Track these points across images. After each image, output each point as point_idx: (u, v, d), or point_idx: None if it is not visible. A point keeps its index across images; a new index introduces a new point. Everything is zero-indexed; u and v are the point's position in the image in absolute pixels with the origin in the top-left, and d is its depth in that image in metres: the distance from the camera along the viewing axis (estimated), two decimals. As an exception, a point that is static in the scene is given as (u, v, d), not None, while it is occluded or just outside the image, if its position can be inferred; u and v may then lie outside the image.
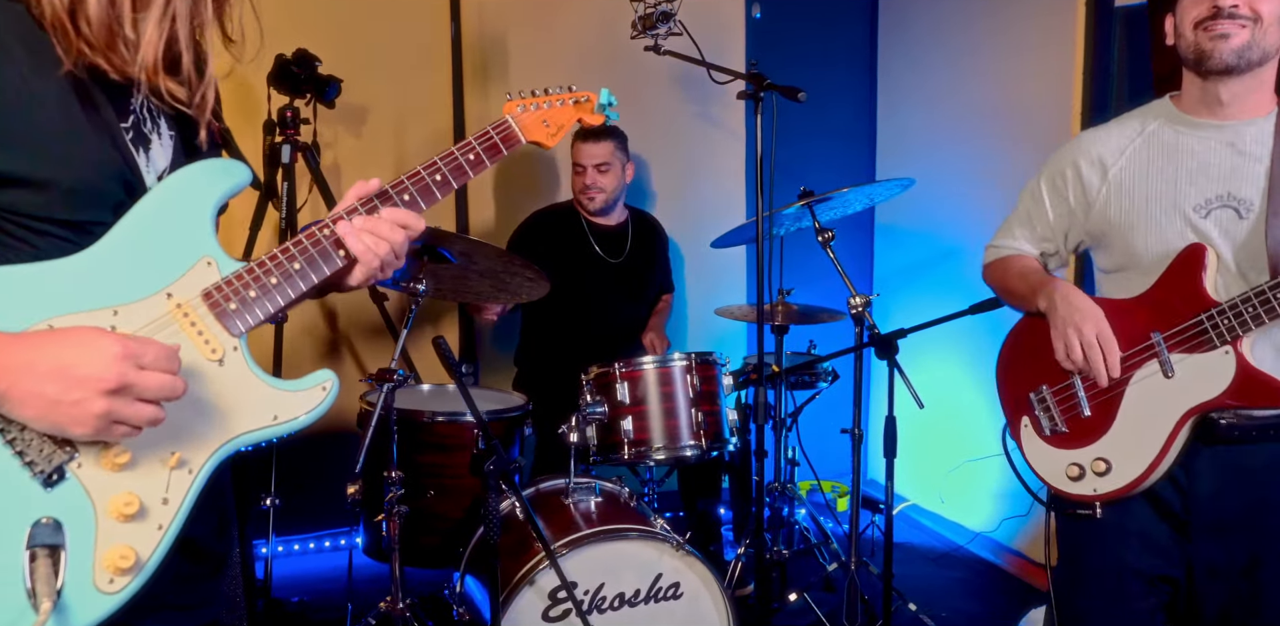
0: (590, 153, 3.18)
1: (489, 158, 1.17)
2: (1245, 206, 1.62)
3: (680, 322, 3.81)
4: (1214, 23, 1.57)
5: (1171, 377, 1.62)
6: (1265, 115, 1.65)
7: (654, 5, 2.90)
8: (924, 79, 3.86)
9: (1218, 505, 1.64)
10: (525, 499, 2.38)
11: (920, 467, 3.68)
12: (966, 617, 2.95)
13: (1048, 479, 1.77)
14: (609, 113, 1.40)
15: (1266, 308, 1.52)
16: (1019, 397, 1.83)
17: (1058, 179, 1.82)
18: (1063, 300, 1.69)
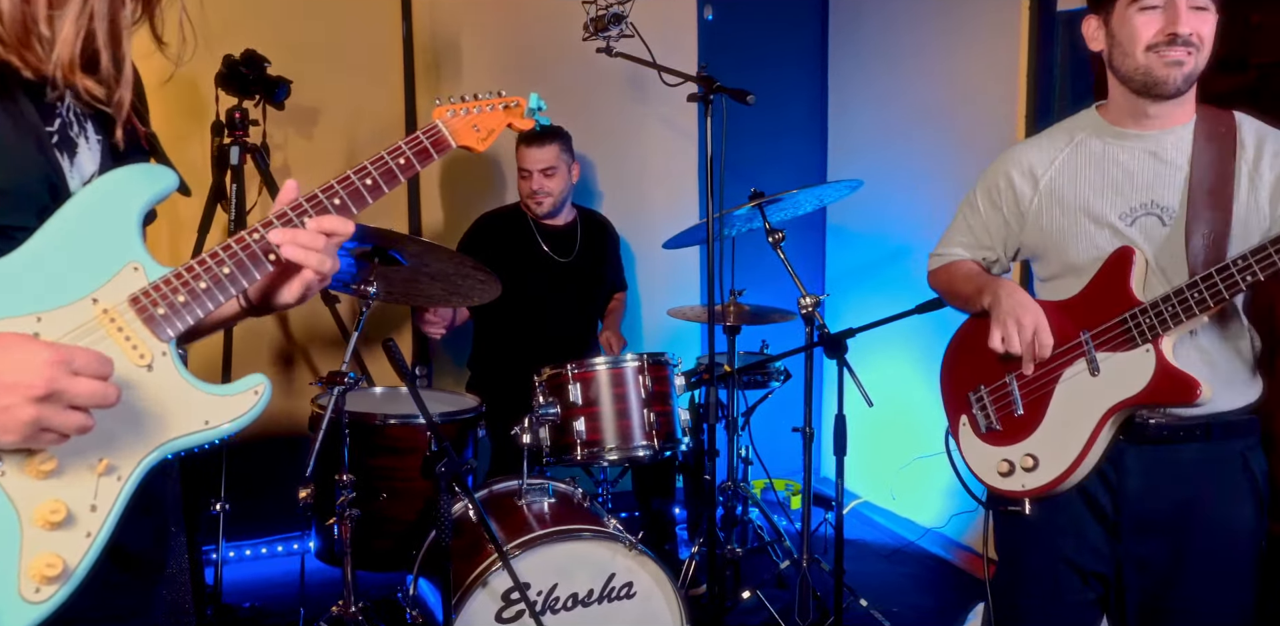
0: (535, 157, 3.16)
1: (419, 162, 1.17)
2: (1168, 213, 1.66)
3: (634, 323, 3.82)
4: (1169, 49, 1.59)
5: (1097, 376, 1.66)
6: (1185, 123, 1.69)
7: (605, 8, 2.90)
8: (873, 80, 3.91)
9: (1147, 503, 1.68)
10: (478, 500, 2.38)
11: (872, 465, 3.72)
12: (917, 612, 2.99)
13: (981, 475, 1.81)
14: (539, 117, 1.41)
15: (1184, 306, 1.56)
16: (959, 397, 1.87)
17: (992, 190, 1.86)
18: (1006, 295, 1.74)
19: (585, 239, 3.34)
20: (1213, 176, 1.63)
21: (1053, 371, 1.72)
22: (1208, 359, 1.64)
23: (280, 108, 3.04)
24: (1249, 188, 1.63)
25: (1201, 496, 1.66)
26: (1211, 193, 1.62)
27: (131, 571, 1.05)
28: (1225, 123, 1.67)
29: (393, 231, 2.40)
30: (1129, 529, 1.69)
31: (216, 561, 2.81)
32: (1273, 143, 1.66)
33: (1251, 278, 1.50)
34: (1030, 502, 1.72)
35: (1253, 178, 1.64)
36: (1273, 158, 1.64)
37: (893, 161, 3.74)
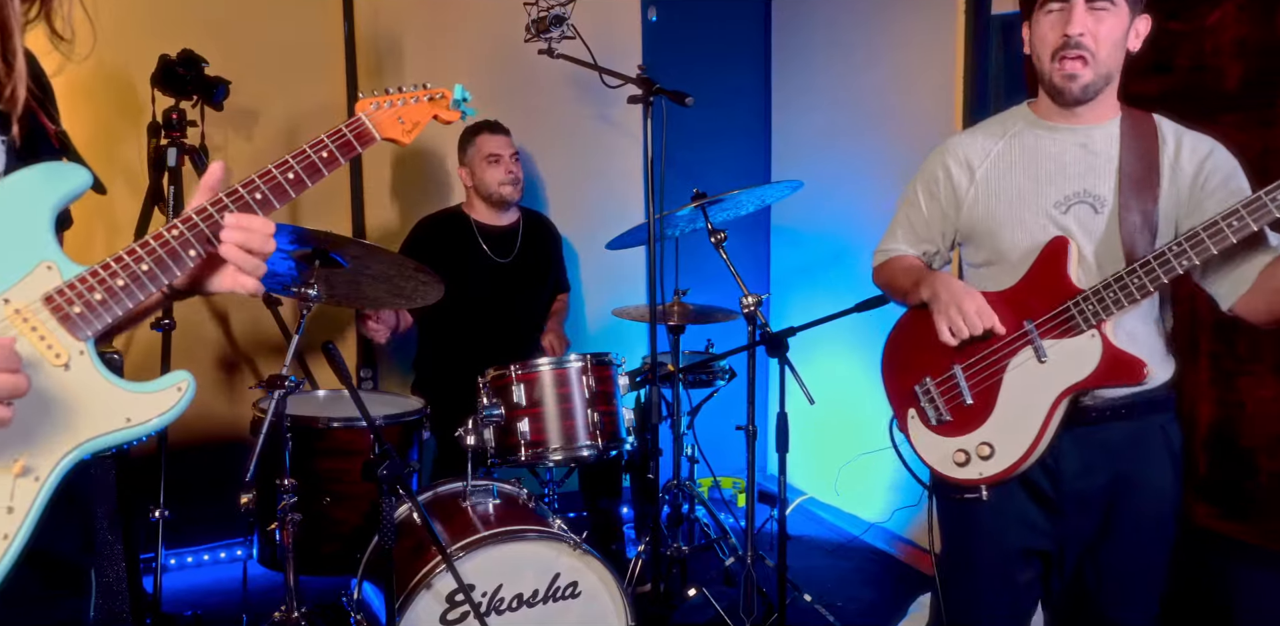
0: (504, 142, 3.23)
1: (343, 155, 1.17)
2: (1099, 202, 1.73)
3: (580, 323, 3.83)
4: (1064, 55, 1.68)
5: (1045, 362, 1.72)
6: (1112, 119, 1.77)
7: (547, 9, 2.92)
8: (816, 80, 3.96)
9: (1082, 482, 1.76)
10: (422, 503, 2.37)
11: (817, 462, 3.77)
12: (861, 605, 3.04)
13: (936, 467, 1.85)
14: (465, 108, 1.41)
15: (1125, 292, 1.63)
16: (904, 390, 1.91)
17: (930, 181, 1.92)
18: (944, 286, 1.79)
19: (527, 239, 3.35)
20: (1140, 167, 1.71)
21: (999, 361, 1.77)
22: (1134, 339, 1.72)
23: (219, 109, 3.00)
24: (1171, 178, 1.72)
25: (1130, 469, 1.75)
26: (1139, 182, 1.71)
27: (58, 579, 1.04)
28: (1147, 121, 1.77)
29: (333, 233, 2.39)
30: (1070, 507, 1.77)
31: (156, 569, 2.77)
32: (1189, 140, 1.75)
33: (1186, 262, 1.58)
34: (987, 489, 1.78)
35: (1174, 169, 1.72)
36: (1191, 152, 1.73)
37: (835, 161, 3.80)
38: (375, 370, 3.56)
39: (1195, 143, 1.75)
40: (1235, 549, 2.36)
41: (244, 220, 1.06)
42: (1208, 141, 1.76)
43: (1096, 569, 1.79)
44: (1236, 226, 1.53)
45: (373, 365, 3.56)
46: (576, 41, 2.84)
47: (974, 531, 1.85)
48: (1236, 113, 2.31)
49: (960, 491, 1.80)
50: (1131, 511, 1.75)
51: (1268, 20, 2.24)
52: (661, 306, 3.18)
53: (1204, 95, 2.38)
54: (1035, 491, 1.78)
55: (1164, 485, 1.77)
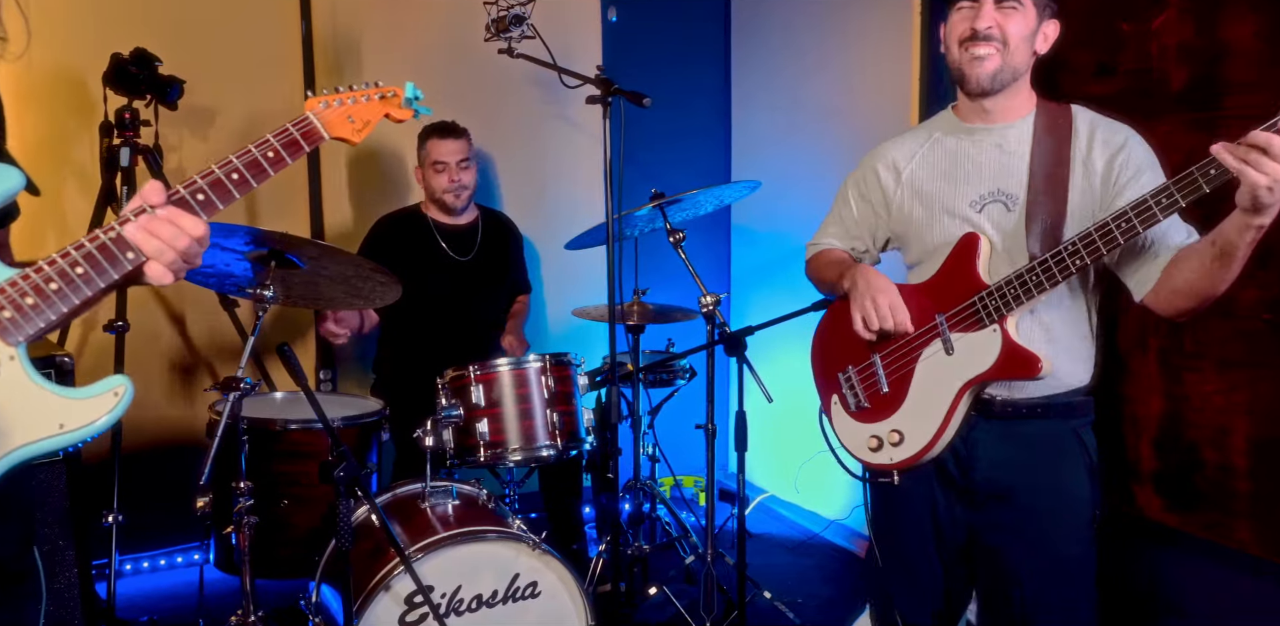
0: (451, 149, 3.18)
1: (289, 155, 1.16)
2: (1011, 200, 1.78)
3: (541, 323, 3.83)
4: (972, 44, 1.73)
5: (952, 354, 1.77)
6: (1025, 116, 1.82)
7: (507, 9, 2.91)
8: (774, 80, 3.98)
9: (995, 473, 1.81)
10: (380, 504, 2.36)
11: (778, 460, 3.80)
12: (821, 601, 3.07)
13: (854, 451, 1.92)
14: (418, 107, 1.41)
15: (1024, 288, 1.68)
16: (830, 378, 1.98)
17: (861, 183, 2.00)
18: (862, 279, 1.85)
19: (486, 238, 3.34)
20: (1050, 165, 1.76)
21: (913, 351, 1.83)
22: (1049, 334, 1.77)
23: (173, 108, 2.97)
24: (1083, 174, 1.76)
25: (1043, 467, 1.80)
26: (1049, 180, 1.75)
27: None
28: (1063, 115, 1.81)
29: (289, 234, 2.37)
30: (980, 497, 1.82)
31: (110, 575, 2.73)
32: (1103, 132, 1.78)
33: (1080, 261, 1.62)
34: (898, 474, 1.84)
35: (1086, 165, 1.76)
36: (1103, 147, 1.76)
37: (793, 161, 3.82)
38: (335, 372, 3.54)
39: (1108, 136, 1.77)
40: (1183, 541, 2.41)
41: (174, 217, 1.04)
42: (1122, 134, 1.78)
43: (1012, 564, 1.83)
44: (1125, 229, 1.56)
45: (332, 367, 3.54)
46: (536, 41, 2.84)
47: (891, 513, 1.93)
48: (1182, 115, 2.36)
49: (876, 475, 1.87)
50: (1042, 510, 1.79)
51: (1209, 25, 2.29)
52: (621, 306, 3.19)
53: (1151, 97, 2.43)
54: (948, 479, 1.84)
55: (1075, 489, 1.81)
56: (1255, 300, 2.21)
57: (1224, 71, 2.27)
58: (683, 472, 3.88)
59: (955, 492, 1.84)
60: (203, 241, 1.06)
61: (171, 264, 1.03)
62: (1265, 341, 2.22)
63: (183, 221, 1.05)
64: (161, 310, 3.33)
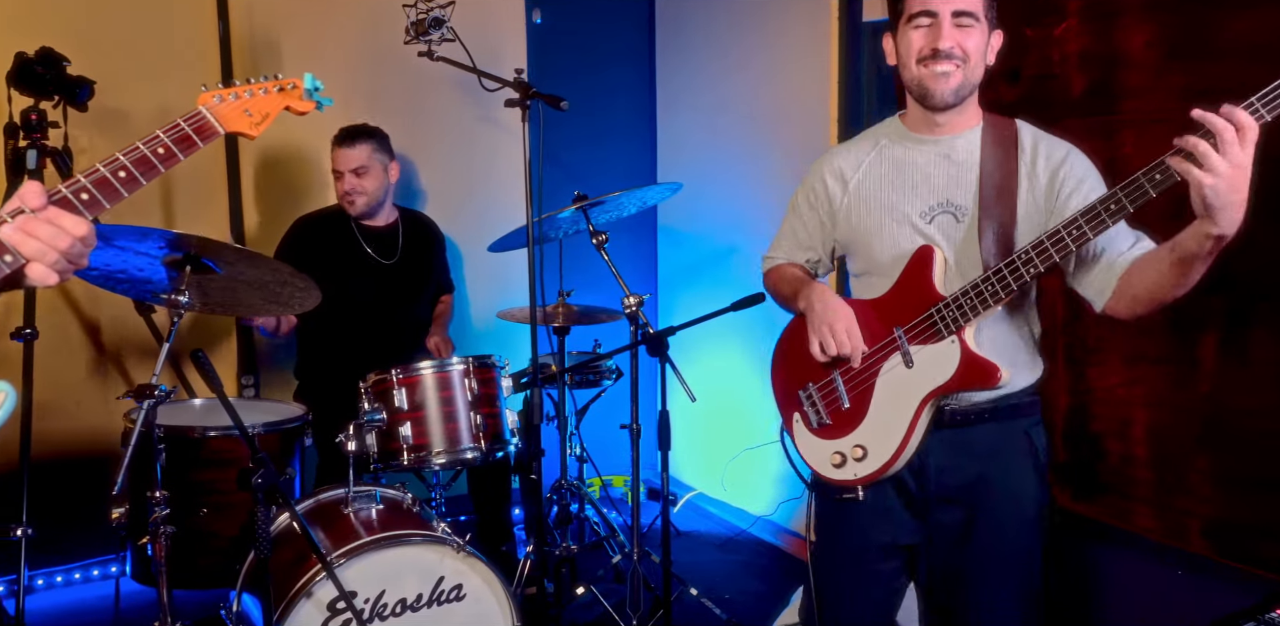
0: (345, 157, 3.14)
1: (181, 151, 1.14)
2: (961, 211, 1.80)
3: (466, 325, 3.82)
4: (934, 61, 1.74)
5: (912, 367, 1.78)
6: (973, 128, 1.84)
7: (426, 12, 2.90)
8: (698, 84, 4.03)
9: (946, 479, 1.83)
10: (303, 510, 2.35)
11: (705, 457, 3.84)
12: (748, 597, 3.12)
13: (817, 468, 1.90)
14: (319, 98, 1.39)
15: (980, 299, 1.70)
16: (790, 395, 1.96)
17: (810, 193, 1.98)
18: (818, 301, 1.85)
19: (408, 240, 3.32)
20: (999, 176, 1.78)
21: (873, 366, 1.83)
22: (996, 344, 1.78)
23: (83, 109, 2.89)
24: (1029, 186, 1.78)
25: (992, 470, 1.82)
26: (999, 191, 1.77)
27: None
28: (1008, 127, 1.84)
29: (205, 238, 2.33)
30: (933, 501, 1.84)
31: (19, 591, 2.65)
32: (1045, 146, 1.82)
33: (1034, 270, 1.65)
34: (862, 489, 1.83)
35: (1031, 177, 1.79)
36: (1046, 160, 1.80)
37: (717, 163, 3.87)
38: (257, 377, 3.48)
39: (1051, 149, 1.81)
40: (1090, 527, 2.51)
41: (54, 217, 1.02)
42: (1063, 147, 1.83)
43: (963, 564, 1.85)
44: (1076, 235, 1.58)
45: (255, 372, 3.48)
46: (459, 43, 2.83)
47: (845, 527, 1.92)
48: (1081, 120, 2.45)
49: (839, 492, 1.85)
50: (994, 511, 1.82)
51: (1106, 33, 2.38)
52: (547, 308, 3.20)
53: (1053, 103, 2.51)
54: (903, 490, 1.85)
55: (1027, 486, 1.84)
56: (1150, 296, 2.31)
57: (1119, 78, 2.36)
58: (613, 472, 3.90)
59: (910, 503, 1.85)
60: (87, 241, 1.04)
61: (54, 264, 1.01)
62: (1162, 336, 2.32)
63: (63, 221, 1.02)
64: (74, 316, 3.25)
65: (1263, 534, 2.14)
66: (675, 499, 3.73)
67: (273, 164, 3.55)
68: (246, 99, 1.23)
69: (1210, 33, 2.16)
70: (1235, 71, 1.48)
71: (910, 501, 1.86)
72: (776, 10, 3.56)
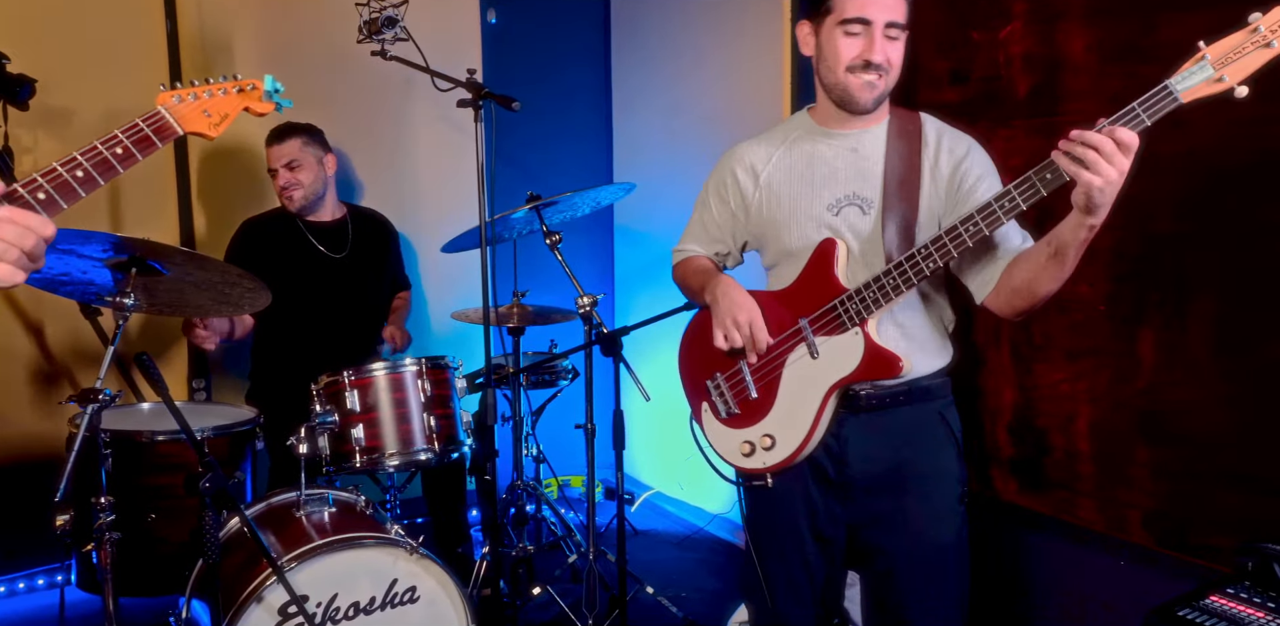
0: (276, 154, 3.15)
1: (140, 151, 1.13)
2: (867, 203, 1.84)
3: (423, 326, 3.80)
4: (864, 72, 1.78)
5: (817, 358, 1.82)
6: (880, 123, 1.89)
7: (379, 10, 2.88)
8: (654, 84, 4.04)
9: (868, 465, 1.87)
10: (254, 514, 2.33)
11: (662, 456, 3.86)
12: (704, 594, 3.14)
13: (727, 457, 1.96)
14: (278, 99, 1.39)
15: (882, 292, 1.74)
16: (698, 385, 2.01)
17: (720, 186, 2.02)
18: (723, 294, 1.88)
19: (358, 235, 3.30)
20: (903, 170, 1.83)
21: (780, 356, 1.87)
22: (905, 332, 1.84)
23: (24, 108, 2.85)
24: (931, 180, 1.84)
25: (912, 452, 1.87)
26: (902, 185, 1.82)
27: None
28: (913, 122, 1.88)
29: (150, 240, 2.30)
30: (857, 490, 1.87)
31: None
32: (948, 140, 1.87)
33: (933, 264, 1.69)
34: (771, 477, 1.89)
35: (934, 171, 1.84)
36: (948, 154, 1.85)
37: (673, 163, 3.89)
38: (209, 380, 3.44)
39: (953, 143, 1.86)
40: (1036, 520, 2.56)
41: (16, 217, 1.01)
42: (965, 142, 1.88)
43: (895, 549, 1.89)
44: (973, 231, 1.64)
45: (205, 375, 3.44)
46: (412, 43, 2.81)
47: (765, 514, 1.97)
48: (1027, 121, 2.50)
49: (749, 479, 1.92)
50: (917, 493, 1.87)
51: (1048, 37, 2.43)
52: (502, 308, 3.20)
53: (1000, 104, 2.56)
54: (822, 476, 1.89)
55: (947, 465, 1.90)
56: (1090, 293, 2.36)
57: (1062, 80, 2.41)
58: (571, 473, 3.91)
59: (830, 487, 1.89)
60: (50, 239, 1.03)
61: (17, 261, 1.00)
62: (1102, 330, 2.37)
63: (29, 220, 1.01)
64: (18, 320, 3.19)
65: (1198, 524, 2.20)
66: (632, 498, 3.74)
67: (223, 166, 3.50)
68: (206, 99, 1.22)
69: (1145, 36, 2.22)
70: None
71: (830, 487, 1.89)
72: (731, 11, 3.59)
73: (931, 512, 1.88)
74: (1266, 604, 1.82)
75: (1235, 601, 1.84)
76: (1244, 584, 1.90)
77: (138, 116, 1.15)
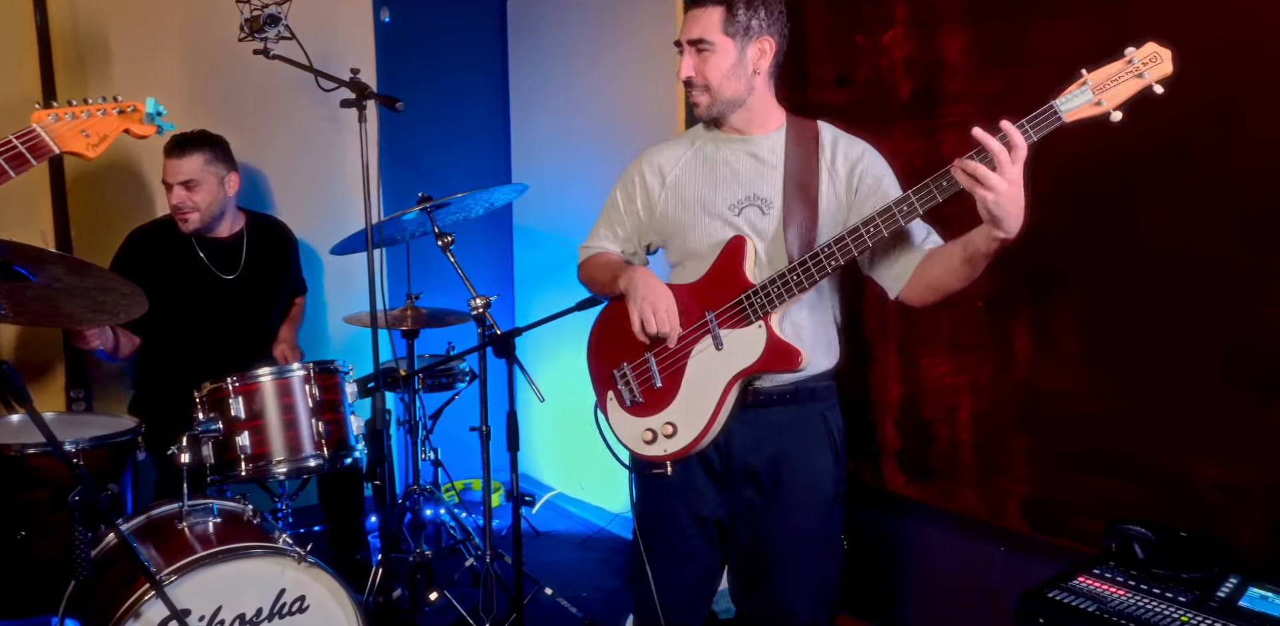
0: (174, 169, 2.93)
1: (13, 168, 1.11)
2: (767, 204, 1.91)
3: (321, 330, 3.72)
4: (690, 88, 1.91)
5: (721, 350, 1.88)
6: (777, 129, 1.96)
7: (261, 8, 2.82)
8: (551, 85, 4.04)
9: (748, 456, 1.94)
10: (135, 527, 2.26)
11: (563, 457, 3.86)
12: (605, 594, 3.14)
13: (629, 444, 2.01)
14: (160, 122, 1.36)
15: (786, 287, 1.81)
16: (604, 374, 2.06)
17: (628, 186, 2.07)
18: (641, 281, 1.92)
19: (254, 250, 3.14)
20: (802, 174, 1.90)
21: (686, 347, 1.93)
22: (798, 330, 1.91)
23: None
24: (829, 183, 1.92)
25: (790, 448, 1.94)
26: (801, 188, 1.89)
27: None
28: (810, 129, 1.96)
29: (15, 243, 2.20)
30: (736, 480, 1.95)
31: None
32: (844, 145, 1.95)
33: (835, 262, 1.77)
34: (670, 465, 1.94)
35: (831, 175, 1.92)
36: (844, 158, 1.93)
37: (570, 164, 3.89)
38: (89, 390, 3.30)
39: (849, 148, 1.95)
40: (923, 510, 2.64)
41: None
42: (859, 146, 1.97)
43: (765, 538, 1.96)
44: (873, 232, 1.73)
45: (86, 385, 3.30)
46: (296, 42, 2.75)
47: (653, 501, 2.03)
48: (909, 123, 2.58)
49: (649, 468, 1.96)
50: (790, 486, 1.94)
51: (928, 41, 2.51)
52: (396, 311, 3.16)
53: (884, 106, 2.64)
54: (708, 466, 1.96)
55: (821, 465, 1.97)
56: (970, 289, 2.44)
57: (941, 83, 2.50)
58: (474, 476, 3.87)
59: (714, 479, 1.96)
60: None
61: None
62: (981, 325, 2.46)
63: None
64: (-125, 329, 3.01)
65: (1071, 509, 2.30)
66: (534, 500, 3.74)
67: (102, 172, 3.35)
68: (84, 120, 1.19)
69: (1017, 41, 2.31)
70: (1041, 76, 1.62)
71: (715, 477, 1.97)
72: (625, 11, 3.61)
73: (801, 508, 1.95)
74: (1128, 582, 1.93)
75: (1100, 581, 1.93)
76: (1109, 564, 2.00)
77: (11, 133, 1.12)
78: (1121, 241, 2.16)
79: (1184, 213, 2.05)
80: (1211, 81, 1.91)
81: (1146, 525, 2.01)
